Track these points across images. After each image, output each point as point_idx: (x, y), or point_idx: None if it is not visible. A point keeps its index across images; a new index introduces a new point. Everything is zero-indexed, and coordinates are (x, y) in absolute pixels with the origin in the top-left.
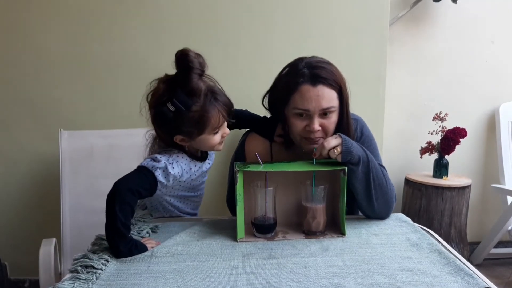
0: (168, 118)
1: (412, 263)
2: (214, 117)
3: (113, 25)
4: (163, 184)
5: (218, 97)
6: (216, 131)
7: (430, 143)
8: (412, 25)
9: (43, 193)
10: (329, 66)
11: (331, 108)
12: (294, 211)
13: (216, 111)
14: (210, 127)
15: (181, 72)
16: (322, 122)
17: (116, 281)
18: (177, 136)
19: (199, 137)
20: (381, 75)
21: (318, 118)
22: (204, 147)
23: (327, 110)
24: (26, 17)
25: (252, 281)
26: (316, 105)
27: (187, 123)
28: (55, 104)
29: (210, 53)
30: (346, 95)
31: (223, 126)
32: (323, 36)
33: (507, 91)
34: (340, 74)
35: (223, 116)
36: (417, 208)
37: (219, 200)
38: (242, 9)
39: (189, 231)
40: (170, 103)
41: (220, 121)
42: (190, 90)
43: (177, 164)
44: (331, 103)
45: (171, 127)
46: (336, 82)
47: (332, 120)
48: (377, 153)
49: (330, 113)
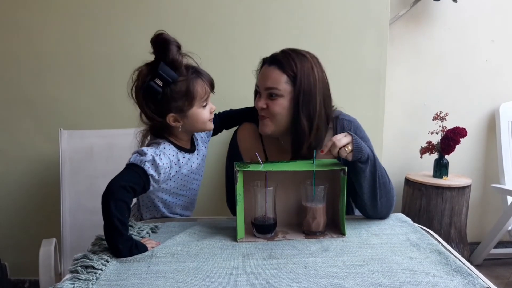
0: (157, 94)
1: (412, 263)
2: (200, 87)
3: (113, 25)
4: (154, 178)
5: (199, 70)
6: (205, 104)
7: (430, 142)
8: (412, 24)
9: (43, 193)
10: (295, 55)
11: (274, 90)
12: (294, 211)
13: (201, 82)
14: (199, 97)
15: (160, 48)
16: (268, 102)
17: (116, 281)
18: (170, 116)
19: (190, 111)
20: (381, 75)
21: (266, 97)
22: (197, 124)
23: (271, 91)
24: (26, 17)
25: (252, 281)
26: (262, 83)
27: (176, 95)
28: (55, 104)
29: (210, 53)
30: (302, 89)
31: (209, 100)
32: (323, 35)
33: (507, 91)
34: (304, 65)
35: (208, 89)
36: (417, 208)
37: (219, 200)
38: (242, 9)
39: (189, 231)
40: (157, 78)
41: (207, 92)
42: (172, 61)
43: (164, 155)
44: (275, 85)
45: (162, 104)
46: (291, 69)
47: (278, 104)
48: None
49: (276, 96)
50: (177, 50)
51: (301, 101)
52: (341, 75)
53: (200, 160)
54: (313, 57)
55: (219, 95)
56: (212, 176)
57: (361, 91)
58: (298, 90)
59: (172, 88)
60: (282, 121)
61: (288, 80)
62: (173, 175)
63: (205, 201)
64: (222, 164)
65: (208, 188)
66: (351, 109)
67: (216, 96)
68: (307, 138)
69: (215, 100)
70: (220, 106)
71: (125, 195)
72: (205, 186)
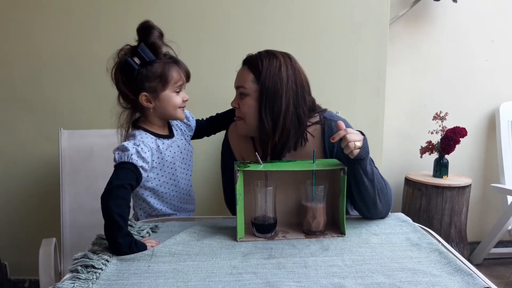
0: (133, 71)
1: (412, 262)
2: (176, 72)
3: (113, 25)
4: (144, 168)
5: (177, 59)
6: (178, 90)
7: (430, 142)
8: (412, 24)
9: (43, 193)
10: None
11: (241, 89)
12: (294, 210)
13: (177, 68)
14: (173, 82)
15: (143, 32)
16: (239, 102)
17: (116, 280)
18: (142, 95)
19: (163, 94)
20: (381, 75)
21: (238, 97)
22: (168, 107)
23: (240, 89)
24: (26, 17)
25: (252, 280)
26: (235, 82)
27: (151, 75)
28: (55, 104)
29: (210, 52)
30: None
31: (182, 89)
32: (323, 36)
33: (507, 90)
34: (271, 65)
35: (184, 77)
36: (417, 208)
37: (218, 200)
38: (241, 9)
39: (189, 231)
40: (135, 57)
41: (181, 79)
42: (152, 44)
43: (144, 144)
44: (242, 83)
45: (136, 82)
46: (257, 68)
47: (245, 103)
48: None
49: (244, 95)
50: (158, 35)
51: (265, 100)
52: (341, 75)
53: (183, 149)
54: (286, 57)
55: (219, 95)
56: (211, 176)
57: (361, 91)
58: (261, 88)
59: (148, 68)
60: (252, 120)
61: (254, 79)
62: (157, 162)
63: (205, 201)
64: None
65: (207, 188)
66: (351, 109)
67: (217, 96)
68: (271, 137)
69: (215, 99)
70: (220, 105)
71: (123, 192)
72: (204, 186)
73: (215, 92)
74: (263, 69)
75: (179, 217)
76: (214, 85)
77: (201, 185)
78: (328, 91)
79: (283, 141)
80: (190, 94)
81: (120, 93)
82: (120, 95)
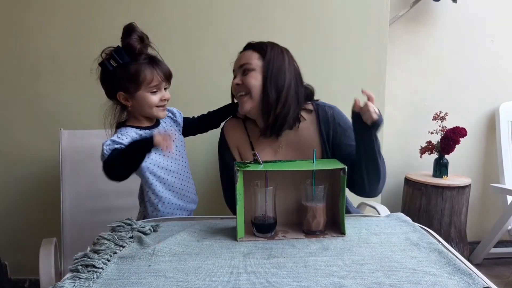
0: (109, 72)
1: (412, 262)
2: (148, 74)
3: (113, 25)
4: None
5: (157, 61)
6: (154, 90)
7: (430, 142)
8: (412, 24)
9: (43, 192)
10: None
11: (246, 65)
12: (294, 210)
13: (151, 70)
14: (146, 82)
15: (123, 34)
16: (243, 79)
17: (116, 280)
18: (120, 93)
19: (137, 94)
20: (381, 75)
21: (240, 75)
22: (144, 107)
23: (244, 66)
24: (26, 17)
25: (252, 280)
26: (237, 64)
27: (124, 76)
28: (55, 104)
29: (210, 52)
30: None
31: (161, 89)
32: (323, 36)
33: (507, 90)
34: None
35: (160, 77)
36: (417, 208)
37: (219, 199)
38: (241, 9)
39: (190, 231)
40: (112, 59)
41: (155, 80)
42: (127, 46)
43: (122, 135)
44: (247, 60)
45: (113, 82)
46: (262, 49)
47: (251, 77)
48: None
49: (248, 71)
50: (136, 38)
51: (270, 73)
52: (341, 75)
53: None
54: (285, 49)
55: (218, 94)
56: (211, 176)
57: (361, 91)
58: (267, 62)
59: (123, 70)
60: (257, 92)
61: (259, 57)
62: None
63: (205, 201)
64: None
65: (207, 188)
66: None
67: (216, 95)
68: (273, 108)
69: (215, 99)
70: (218, 104)
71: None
72: (204, 186)
73: (213, 91)
74: (268, 50)
75: (179, 217)
76: (214, 84)
77: (201, 185)
78: (328, 91)
79: (284, 114)
80: (188, 93)
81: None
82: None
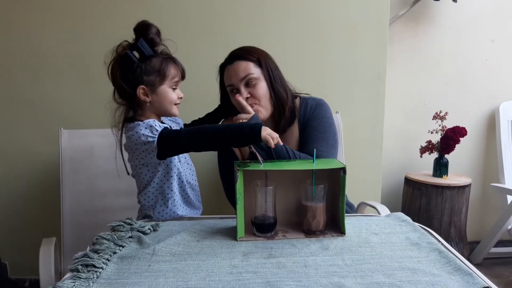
0: (132, 64)
1: (412, 262)
2: (173, 68)
3: (113, 25)
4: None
5: (174, 57)
6: (174, 86)
7: (430, 142)
8: (412, 24)
9: (43, 192)
10: (246, 48)
11: (249, 76)
12: (294, 210)
13: (174, 65)
14: (171, 77)
15: (141, 30)
16: (250, 90)
17: (116, 280)
18: (140, 88)
19: (160, 88)
20: (381, 75)
21: (245, 88)
22: (164, 102)
23: (247, 78)
24: (26, 17)
25: (252, 280)
26: (235, 78)
27: (150, 69)
28: (55, 104)
29: (209, 52)
30: (268, 66)
31: (179, 85)
32: (323, 36)
33: (507, 90)
34: (258, 50)
35: (181, 74)
36: (417, 207)
37: (219, 199)
38: (241, 9)
39: (190, 230)
40: (136, 51)
41: (177, 76)
42: (151, 40)
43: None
44: (248, 71)
45: (134, 75)
46: (251, 55)
47: (259, 87)
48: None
49: (253, 81)
50: (156, 31)
51: (272, 74)
52: (341, 75)
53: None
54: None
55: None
56: (211, 175)
57: (361, 91)
58: (266, 68)
59: (147, 62)
60: (267, 99)
61: (255, 65)
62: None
63: (205, 201)
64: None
65: (208, 187)
66: (351, 109)
67: (215, 96)
68: (287, 103)
69: (213, 99)
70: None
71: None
72: (204, 186)
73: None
74: (256, 55)
75: (180, 216)
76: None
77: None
78: (328, 91)
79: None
80: (188, 93)
81: (117, 88)
82: (117, 90)
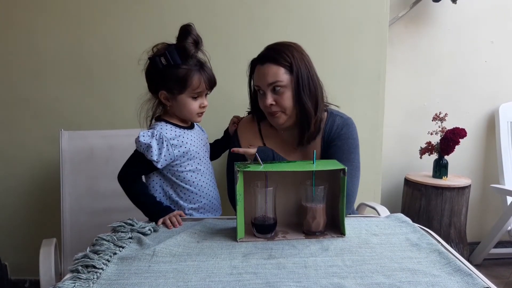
0: (158, 69)
1: (412, 263)
2: (195, 80)
3: (113, 25)
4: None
5: (205, 68)
6: (196, 96)
7: (430, 143)
8: (412, 25)
9: (43, 193)
10: (282, 47)
11: (277, 83)
12: (294, 211)
13: (199, 76)
14: (191, 88)
15: (180, 35)
16: (275, 98)
17: (117, 280)
18: (162, 92)
19: (179, 96)
20: (381, 75)
21: (272, 94)
22: (183, 110)
23: (274, 84)
24: (26, 17)
25: (252, 281)
26: (263, 81)
27: (171, 77)
28: (55, 104)
29: (209, 52)
30: (300, 73)
31: (202, 96)
32: (323, 36)
33: (506, 91)
34: (294, 51)
35: (205, 85)
36: (417, 208)
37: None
38: (241, 9)
39: (190, 231)
40: (163, 57)
41: (201, 87)
42: (182, 50)
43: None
44: (276, 78)
45: (158, 79)
46: (285, 60)
47: (285, 98)
48: (350, 158)
49: (280, 88)
50: (192, 41)
51: (302, 84)
52: (341, 75)
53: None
54: (296, 44)
55: (220, 95)
56: None
57: (361, 92)
58: (296, 76)
59: (172, 71)
60: (292, 110)
61: (285, 71)
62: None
63: None
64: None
65: None
66: (351, 109)
67: (215, 96)
68: (313, 115)
69: (216, 100)
70: (220, 106)
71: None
72: None
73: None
74: (290, 58)
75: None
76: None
77: None
78: (328, 91)
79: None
80: None
81: (147, 84)
82: (148, 86)
